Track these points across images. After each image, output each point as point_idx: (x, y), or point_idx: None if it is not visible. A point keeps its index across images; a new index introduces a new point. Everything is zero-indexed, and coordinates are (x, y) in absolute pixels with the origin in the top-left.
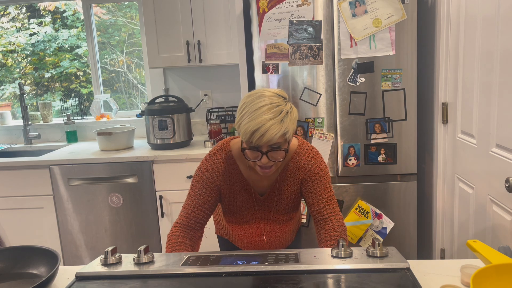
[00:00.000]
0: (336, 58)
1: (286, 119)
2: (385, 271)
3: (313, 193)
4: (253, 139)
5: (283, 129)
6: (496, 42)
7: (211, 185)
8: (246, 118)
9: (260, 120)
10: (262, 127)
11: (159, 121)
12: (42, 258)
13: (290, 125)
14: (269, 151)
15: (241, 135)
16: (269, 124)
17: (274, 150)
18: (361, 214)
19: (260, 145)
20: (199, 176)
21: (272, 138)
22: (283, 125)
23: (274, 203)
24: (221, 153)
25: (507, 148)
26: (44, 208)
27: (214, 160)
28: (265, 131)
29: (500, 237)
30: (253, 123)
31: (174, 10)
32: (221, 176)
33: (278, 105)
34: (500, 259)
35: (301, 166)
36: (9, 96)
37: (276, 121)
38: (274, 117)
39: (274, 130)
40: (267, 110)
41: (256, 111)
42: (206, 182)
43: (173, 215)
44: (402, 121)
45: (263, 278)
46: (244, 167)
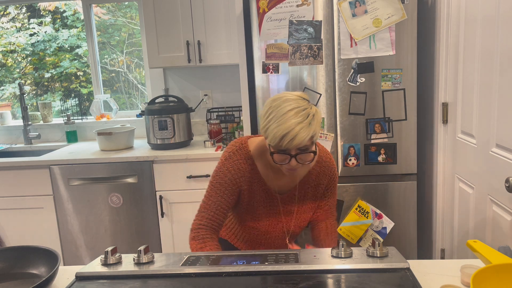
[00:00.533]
0: (336, 58)
1: (314, 122)
2: (385, 271)
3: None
4: (282, 143)
5: (311, 132)
6: (496, 42)
7: (233, 186)
8: (274, 123)
9: (289, 124)
10: (291, 131)
11: (159, 121)
12: (42, 258)
13: (317, 128)
14: (298, 154)
15: (269, 139)
16: (298, 128)
17: (303, 153)
18: (361, 214)
19: (289, 148)
20: (221, 177)
21: (302, 141)
22: (311, 128)
23: (296, 203)
24: (241, 154)
25: (507, 148)
26: (44, 208)
27: (234, 161)
28: (295, 135)
29: (500, 237)
30: (282, 128)
31: (174, 10)
32: (243, 177)
33: (305, 108)
34: (500, 259)
35: (326, 172)
36: (9, 96)
37: (304, 125)
38: (302, 120)
39: (304, 134)
40: (294, 114)
41: (284, 115)
42: (228, 184)
43: (173, 215)
44: (402, 121)
45: (263, 278)
46: (262, 167)
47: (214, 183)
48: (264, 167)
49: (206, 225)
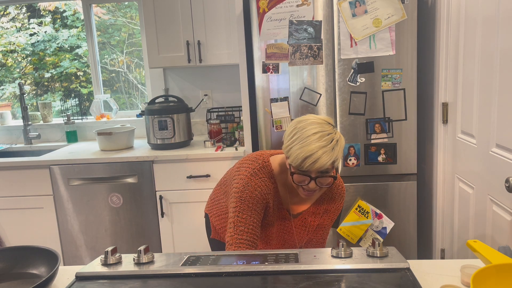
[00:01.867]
0: (336, 58)
1: (337, 147)
2: (385, 271)
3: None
4: (304, 165)
5: (333, 157)
6: (496, 42)
7: (263, 201)
8: (297, 144)
9: (312, 147)
10: (314, 154)
11: (159, 121)
12: (42, 258)
13: (340, 153)
14: (318, 177)
15: (290, 160)
16: (321, 152)
17: (323, 177)
18: (361, 214)
19: (310, 170)
20: (251, 191)
21: (324, 165)
22: (333, 153)
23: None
24: (265, 172)
25: (507, 148)
26: (44, 208)
27: (261, 178)
28: (317, 158)
29: (500, 237)
30: (305, 150)
31: (174, 10)
32: (269, 195)
33: (329, 133)
34: (500, 259)
35: (336, 198)
36: (9, 96)
37: (328, 149)
38: (326, 145)
39: (326, 158)
40: (319, 138)
41: (308, 137)
42: (259, 198)
43: (173, 215)
44: (402, 121)
45: (263, 278)
46: (281, 186)
47: (245, 197)
48: (281, 185)
49: (248, 239)
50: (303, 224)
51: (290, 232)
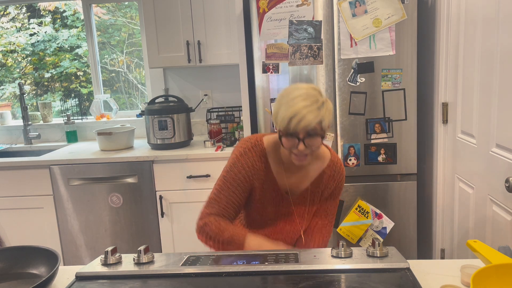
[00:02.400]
0: (336, 58)
1: (323, 108)
2: (385, 271)
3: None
4: (290, 125)
5: (319, 117)
6: (496, 42)
7: (246, 183)
8: (283, 106)
9: (297, 107)
10: (299, 113)
11: (159, 121)
12: (42, 258)
13: (326, 115)
14: (306, 137)
15: (278, 124)
16: (306, 111)
17: (311, 137)
18: (361, 214)
19: (297, 131)
20: (235, 173)
21: (309, 123)
22: (319, 112)
23: (307, 205)
24: (256, 151)
25: (507, 148)
26: (44, 208)
27: (250, 157)
28: (303, 116)
29: (500, 237)
30: (291, 110)
31: (174, 10)
32: (256, 175)
33: (314, 95)
34: (500, 259)
35: (335, 176)
36: (9, 96)
37: (313, 108)
38: (311, 104)
39: (311, 116)
40: (304, 99)
41: (293, 99)
42: (241, 181)
43: (173, 215)
44: (402, 121)
45: (263, 278)
46: (274, 164)
47: (228, 178)
48: (276, 164)
49: (217, 214)
50: (303, 204)
51: (290, 214)
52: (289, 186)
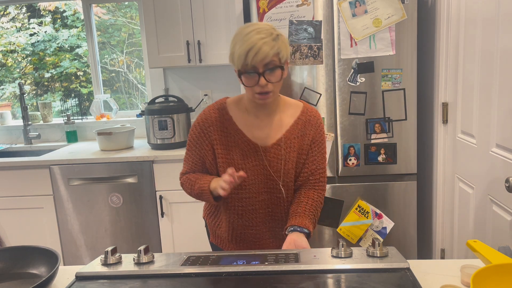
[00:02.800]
0: (336, 58)
1: (278, 40)
2: (385, 271)
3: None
4: (248, 60)
5: (276, 48)
6: (496, 42)
7: (202, 138)
8: (238, 43)
9: (252, 40)
10: (255, 46)
11: (159, 121)
12: (42, 258)
13: (282, 46)
14: (265, 71)
15: (236, 62)
16: (262, 43)
17: (270, 71)
18: (361, 214)
19: (255, 65)
20: (193, 132)
21: (267, 54)
22: (275, 43)
23: (282, 155)
24: (214, 106)
25: (507, 148)
26: (44, 208)
27: (205, 112)
28: (259, 48)
29: (500, 237)
30: (246, 44)
31: (174, 10)
32: (212, 126)
33: (268, 29)
34: (500, 259)
35: (311, 121)
36: (9, 96)
37: (268, 40)
38: (265, 37)
39: (267, 48)
40: (257, 32)
41: (247, 34)
42: (197, 138)
43: (173, 215)
44: (402, 121)
45: (263, 278)
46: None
47: (189, 137)
48: (241, 116)
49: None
50: (277, 155)
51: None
52: (260, 137)
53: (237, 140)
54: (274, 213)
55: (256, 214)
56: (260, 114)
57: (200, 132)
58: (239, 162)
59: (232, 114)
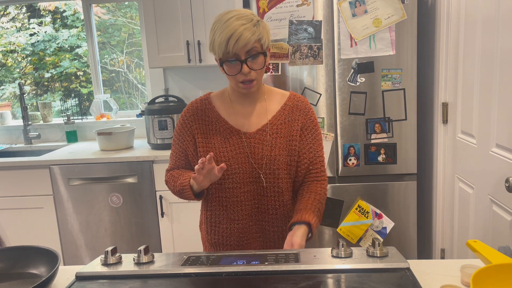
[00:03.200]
0: (336, 58)
1: (259, 26)
2: (385, 271)
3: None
4: (229, 47)
5: (257, 34)
6: (496, 42)
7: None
8: (218, 31)
9: (232, 27)
10: (235, 32)
11: (159, 121)
12: (42, 258)
13: (264, 32)
14: (248, 59)
15: (216, 51)
16: (242, 28)
17: (253, 58)
18: (361, 214)
19: (237, 52)
20: (176, 125)
21: (248, 40)
22: (256, 29)
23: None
24: (197, 99)
25: (507, 148)
26: (44, 208)
27: (188, 105)
28: (239, 34)
29: (500, 237)
30: (227, 31)
31: (174, 10)
32: (194, 116)
33: (248, 15)
34: (500, 259)
35: (300, 107)
36: (9, 96)
37: (249, 26)
38: (246, 23)
39: (248, 34)
40: (237, 18)
41: (227, 21)
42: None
43: (173, 215)
44: (402, 121)
45: (263, 278)
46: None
47: (174, 134)
48: (225, 107)
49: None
50: (261, 138)
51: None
52: (244, 124)
53: (219, 127)
54: (260, 206)
55: (241, 206)
56: (245, 102)
57: (182, 124)
58: (221, 150)
59: (215, 104)
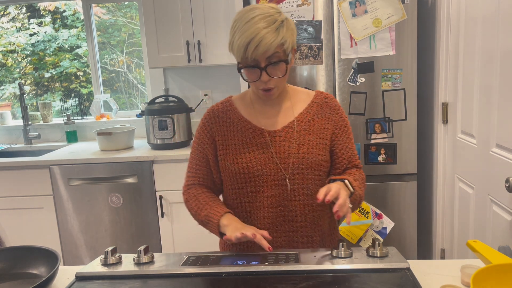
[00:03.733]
0: (336, 58)
1: (282, 28)
2: (385, 271)
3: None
4: (248, 52)
5: (279, 38)
6: (496, 42)
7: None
8: (238, 33)
9: (253, 30)
10: (256, 36)
11: (159, 121)
12: (42, 258)
13: (287, 35)
14: (268, 65)
15: (235, 54)
16: (264, 33)
17: (273, 65)
18: (361, 214)
19: (257, 58)
20: (197, 131)
21: (269, 47)
22: (279, 33)
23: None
24: (219, 102)
25: (507, 148)
26: (44, 208)
27: (209, 108)
28: (260, 39)
29: (500, 237)
30: (246, 35)
31: (174, 10)
32: (215, 118)
33: (272, 15)
34: (500, 259)
35: (330, 104)
36: (9, 96)
37: (271, 29)
38: (268, 26)
39: (270, 38)
40: (259, 20)
41: (248, 22)
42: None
43: (173, 215)
44: (402, 121)
45: (263, 278)
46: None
47: (193, 144)
48: (247, 108)
49: (193, 183)
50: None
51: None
52: (268, 123)
53: (240, 128)
54: (286, 213)
55: (265, 213)
56: (268, 103)
57: (201, 127)
58: (242, 151)
59: (237, 105)
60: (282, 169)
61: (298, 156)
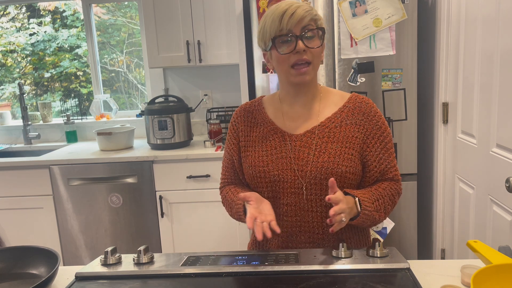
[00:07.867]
0: (336, 58)
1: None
2: (385, 271)
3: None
4: (283, 23)
5: (312, 11)
6: (496, 42)
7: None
8: (268, 20)
9: (286, 4)
10: (290, 7)
11: (159, 121)
12: (42, 258)
13: (320, 17)
14: (303, 36)
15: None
16: (295, 6)
17: (308, 39)
18: None
19: (291, 29)
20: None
21: (303, 17)
22: (313, 10)
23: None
24: (249, 101)
25: (507, 148)
26: (44, 208)
27: (238, 107)
28: (293, 10)
29: (500, 237)
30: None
31: (174, 10)
32: (241, 117)
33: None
34: (501, 259)
35: (363, 109)
36: (9, 96)
37: (301, 4)
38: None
39: (302, 10)
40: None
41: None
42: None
43: (173, 215)
44: (402, 121)
45: (263, 278)
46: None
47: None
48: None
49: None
50: (308, 141)
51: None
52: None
53: (263, 129)
54: (303, 223)
55: (281, 222)
56: (296, 103)
57: (230, 127)
58: (260, 153)
59: (265, 106)
60: (299, 176)
61: (317, 164)
